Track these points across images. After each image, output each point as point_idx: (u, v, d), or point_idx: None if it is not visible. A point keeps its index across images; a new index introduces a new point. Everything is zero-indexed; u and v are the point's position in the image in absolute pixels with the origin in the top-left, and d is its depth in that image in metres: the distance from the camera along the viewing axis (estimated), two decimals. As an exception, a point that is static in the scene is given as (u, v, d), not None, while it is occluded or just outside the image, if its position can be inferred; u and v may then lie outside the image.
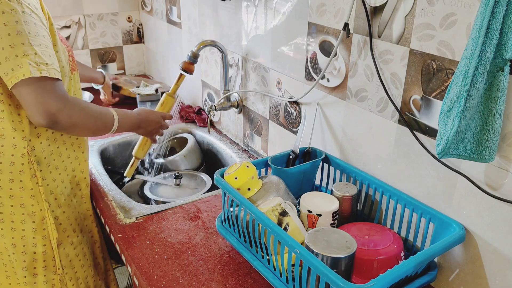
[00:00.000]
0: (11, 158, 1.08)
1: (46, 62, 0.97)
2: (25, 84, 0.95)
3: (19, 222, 1.14)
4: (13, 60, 0.94)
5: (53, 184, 1.17)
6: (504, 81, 0.73)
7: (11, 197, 1.11)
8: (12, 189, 1.11)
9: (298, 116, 1.31)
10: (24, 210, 1.13)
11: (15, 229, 1.14)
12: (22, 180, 1.11)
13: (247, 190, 1.01)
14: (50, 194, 1.17)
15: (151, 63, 2.37)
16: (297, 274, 0.85)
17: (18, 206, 1.12)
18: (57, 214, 1.19)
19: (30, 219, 1.14)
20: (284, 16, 1.27)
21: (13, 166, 1.09)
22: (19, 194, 1.12)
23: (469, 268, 0.91)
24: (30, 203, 1.13)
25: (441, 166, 0.89)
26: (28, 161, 1.10)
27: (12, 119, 1.06)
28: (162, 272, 1.00)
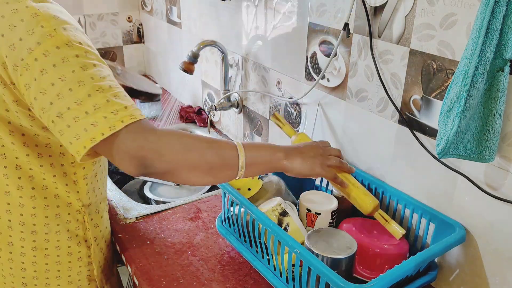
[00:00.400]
0: (67, 217, 0.97)
1: (125, 105, 0.76)
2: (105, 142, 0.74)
3: (76, 274, 1.03)
4: (83, 119, 0.74)
5: (102, 228, 1.07)
6: (504, 81, 0.73)
7: (69, 254, 1.00)
8: (70, 246, 1.00)
9: (298, 116, 1.31)
10: (81, 262, 1.03)
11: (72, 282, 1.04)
12: (78, 234, 1.00)
13: (247, 190, 1.01)
14: (101, 239, 1.07)
15: (151, 63, 2.37)
16: (297, 274, 0.85)
17: (75, 260, 1.02)
18: (100, 258, 1.08)
19: (86, 268, 1.04)
20: (284, 16, 1.27)
21: (69, 224, 0.98)
22: (77, 249, 1.01)
23: (469, 268, 0.91)
24: (86, 254, 1.03)
25: (441, 166, 0.89)
26: (83, 216, 0.99)
27: (66, 183, 0.94)
28: (162, 272, 1.00)
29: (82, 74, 0.76)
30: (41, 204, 0.94)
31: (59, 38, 0.77)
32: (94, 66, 0.78)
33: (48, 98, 0.75)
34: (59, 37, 0.77)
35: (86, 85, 0.75)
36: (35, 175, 0.91)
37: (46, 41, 0.76)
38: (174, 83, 2.13)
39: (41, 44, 0.75)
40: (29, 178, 0.91)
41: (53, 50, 0.76)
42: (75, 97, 0.75)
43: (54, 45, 0.76)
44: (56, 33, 0.77)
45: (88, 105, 0.74)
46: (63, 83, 0.75)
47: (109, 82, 0.78)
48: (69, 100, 0.74)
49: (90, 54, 0.79)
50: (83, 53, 0.78)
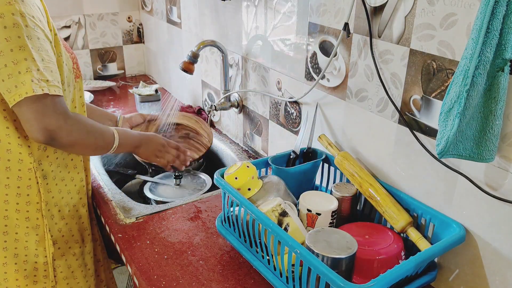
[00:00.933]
0: (18, 173, 1.08)
1: (47, 79, 0.95)
2: (26, 101, 0.94)
3: (23, 234, 1.14)
4: (16, 77, 0.92)
5: (58, 196, 1.17)
6: (504, 81, 0.73)
7: (17, 211, 1.11)
8: (18, 203, 1.11)
9: (298, 116, 1.31)
10: (29, 223, 1.13)
11: (19, 240, 1.14)
12: (29, 194, 1.11)
13: (247, 190, 1.01)
14: (54, 206, 1.17)
15: (151, 63, 2.37)
16: (297, 274, 0.85)
17: (23, 219, 1.12)
18: (60, 227, 1.19)
19: (34, 232, 1.14)
20: (284, 16, 1.27)
21: (20, 181, 1.09)
22: (25, 208, 1.12)
23: (469, 268, 0.91)
24: (35, 217, 1.13)
25: (441, 166, 0.89)
26: (35, 176, 1.10)
27: (18, 135, 1.06)
28: (162, 272, 1.00)
29: (25, 41, 0.93)
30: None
31: (16, 7, 0.93)
32: (38, 38, 0.96)
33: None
34: (17, 6, 0.93)
35: (25, 51, 0.93)
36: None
37: (4, 6, 0.92)
38: (174, 83, 2.13)
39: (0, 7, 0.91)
40: None
41: (8, 14, 0.92)
42: (13, 57, 0.92)
43: (10, 11, 0.92)
44: (15, 2, 0.93)
45: (22, 66, 0.93)
46: (7, 43, 0.92)
47: (45, 56, 0.97)
48: (8, 59, 0.92)
49: (38, 28, 0.97)
50: (32, 25, 0.95)
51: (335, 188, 1.06)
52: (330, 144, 1.12)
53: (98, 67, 2.31)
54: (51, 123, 0.96)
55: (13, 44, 0.92)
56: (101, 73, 2.33)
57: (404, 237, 0.98)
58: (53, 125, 0.96)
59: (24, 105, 0.94)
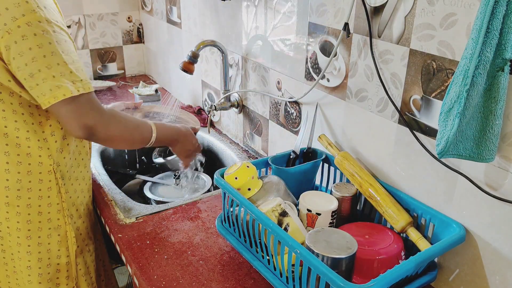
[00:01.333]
0: (39, 176, 1.10)
1: (81, 79, 1.00)
2: (63, 103, 0.97)
3: (46, 236, 1.16)
4: (50, 81, 0.96)
5: (74, 196, 1.19)
6: (504, 81, 0.73)
7: (40, 213, 1.13)
8: (40, 205, 1.12)
9: (298, 116, 1.31)
10: (51, 224, 1.15)
11: (42, 244, 1.16)
12: (50, 196, 1.13)
13: (247, 190, 1.01)
14: (72, 206, 1.19)
15: (151, 63, 2.37)
16: (297, 274, 0.85)
17: (45, 221, 1.14)
18: (78, 225, 1.22)
19: (56, 232, 1.16)
20: (284, 16, 1.27)
21: (42, 184, 1.11)
22: (47, 210, 1.14)
23: (469, 268, 0.91)
24: (56, 217, 1.15)
25: (441, 166, 0.89)
26: (55, 177, 1.12)
27: (38, 138, 1.08)
28: (162, 272, 1.00)
29: (55, 46, 0.97)
30: (14, 160, 1.07)
31: (41, 14, 0.96)
32: (65, 41, 1.00)
33: (24, 59, 0.94)
34: (41, 13, 0.96)
35: (57, 56, 0.97)
36: (9, 132, 1.05)
37: (30, 14, 0.95)
38: (174, 83, 2.13)
39: (25, 16, 0.94)
40: (4, 135, 1.05)
41: (35, 22, 0.95)
42: (47, 62, 0.96)
43: (37, 19, 0.95)
44: (38, 9, 0.96)
45: (56, 71, 0.96)
46: (39, 50, 0.95)
47: (73, 57, 1.01)
48: (41, 64, 0.95)
49: (62, 31, 1.01)
50: (58, 30, 0.99)
51: (335, 188, 1.06)
52: (330, 144, 1.12)
53: (98, 67, 2.31)
54: (89, 120, 1.01)
55: (45, 51, 0.95)
56: (101, 73, 2.33)
57: (404, 237, 0.98)
58: (91, 121, 1.01)
59: (62, 107, 0.98)
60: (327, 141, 1.13)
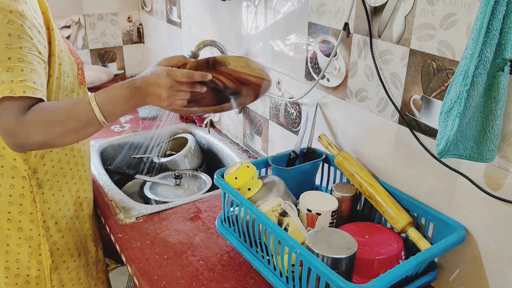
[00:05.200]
0: (11, 180, 1.02)
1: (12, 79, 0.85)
2: None
3: (15, 245, 1.08)
4: None
5: (55, 207, 1.11)
6: (504, 81, 0.73)
7: (9, 220, 1.05)
8: (10, 212, 1.05)
9: (298, 116, 1.31)
10: (21, 234, 1.07)
11: (10, 252, 1.08)
12: (22, 203, 1.05)
13: (247, 190, 1.01)
14: (51, 218, 1.11)
15: (151, 63, 2.36)
16: (297, 274, 0.85)
17: (15, 230, 1.07)
18: (55, 239, 1.13)
19: (27, 243, 1.09)
20: (284, 16, 1.27)
21: (13, 189, 1.03)
22: (18, 218, 1.06)
23: (469, 268, 0.91)
24: (28, 228, 1.07)
25: (441, 166, 0.89)
26: (29, 184, 1.04)
27: None
28: (162, 272, 1.00)
29: None
30: None
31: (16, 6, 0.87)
32: (8, 35, 0.87)
33: None
34: None
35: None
36: None
37: None
38: (174, 83, 2.13)
39: None
40: None
41: None
42: None
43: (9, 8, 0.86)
44: None
45: None
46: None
47: (10, 54, 0.86)
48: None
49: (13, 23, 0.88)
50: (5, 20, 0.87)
51: (335, 188, 1.06)
52: (330, 144, 1.12)
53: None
54: (5, 127, 0.86)
55: None
56: (101, 73, 2.33)
57: (404, 237, 0.98)
58: (6, 129, 0.86)
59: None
60: (327, 141, 1.13)
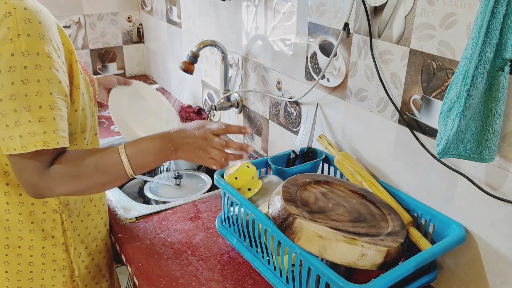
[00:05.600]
0: (43, 216, 0.98)
1: (45, 131, 0.81)
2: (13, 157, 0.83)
3: (49, 278, 1.04)
4: (3, 130, 0.80)
5: (85, 232, 1.08)
6: (504, 81, 0.73)
7: (43, 255, 1.01)
8: (44, 247, 1.01)
9: (298, 116, 1.31)
10: (56, 265, 1.03)
11: (45, 285, 1.04)
12: (54, 236, 1.01)
13: (247, 190, 1.01)
14: (81, 244, 1.07)
15: (151, 63, 2.37)
16: (297, 274, 0.85)
17: (49, 263, 1.02)
18: (87, 263, 1.10)
19: (61, 273, 1.05)
20: (284, 16, 1.27)
21: (45, 224, 0.99)
22: (52, 251, 1.02)
23: (469, 268, 0.91)
24: (61, 257, 1.04)
25: (441, 166, 0.89)
26: (60, 217, 1.00)
27: None
28: (162, 272, 1.00)
29: (18, 88, 0.78)
30: (15, 201, 0.94)
31: (18, 45, 0.78)
32: (37, 81, 0.80)
33: None
34: (19, 44, 0.78)
35: (16, 100, 0.79)
36: (10, 170, 0.91)
37: (5, 44, 0.78)
38: (174, 83, 2.13)
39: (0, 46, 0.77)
40: (4, 174, 0.92)
41: (6, 55, 0.78)
42: (2, 108, 0.79)
43: (10, 51, 0.78)
44: (17, 39, 0.78)
45: (11, 119, 0.79)
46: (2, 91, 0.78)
47: (41, 102, 0.80)
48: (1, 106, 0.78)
49: (41, 68, 0.80)
50: (33, 65, 0.79)
51: (335, 188, 1.06)
52: (330, 144, 1.12)
53: (98, 67, 2.31)
54: (27, 180, 0.84)
55: (4, 93, 0.79)
56: (101, 73, 2.33)
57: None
58: (29, 183, 0.84)
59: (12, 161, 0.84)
60: (327, 141, 1.13)
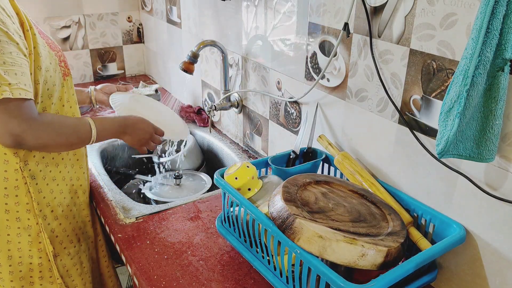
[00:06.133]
0: (4, 174, 1.07)
1: (9, 82, 0.92)
2: None
3: (15, 235, 1.13)
4: None
5: (50, 196, 1.16)
6: (504, 81, 0.73)
7: (7, 211, 1.10)
8: (7, 203, 1.09)
9: (298, 116, 1.31)
10: (20, 224, 1.12)
11: (11, 241, 1.13)
12: (18, 195, 1.10)
13: (247, 190, 1.01)
14: (46, 207, 1.15)
15: (151, 63, 2.37)
16: (297, 274, 0.85)
17: (13, 220, 1.11)
18: (53, 227, 1.18)
19: (26, 232, 1.13)
20: (284, 16, 1.27)
21: (7, 182, 1.08)
22: (15, 208, 1.10)
23: (469, 268, 0.91)
24: (25, 217, 1.12)
25: (441, 166, 0.89)
26: (22, 176, 1.08)
27: None
28: (162, 272, 1.00)
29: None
30: None
31: None
32: (5, 42, 0.93)
33: None
34: None
35: None
36: None
37: None
38: (174, 83, 2.13)
39: None
40: None
41: None
42: None
43: None
44: None
45: None
46: None
47: (6, 59, 0.93)
48: None
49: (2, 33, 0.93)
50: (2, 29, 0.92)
51: (335, 188, 1.06)
52: (330, 144, 1.12)
53: (98, 67, 2.31)
54: (14, 128, 0.94)
55: None
56: (101, 73, 2.33)
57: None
58: (16, 130, 0.94)
59: None
60: (327, 141, 1.13)
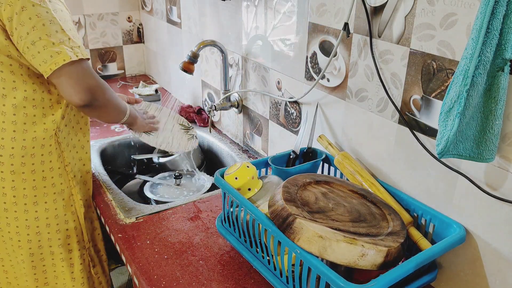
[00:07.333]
0: (42, 141, 1.15)
1: (78, 45, 1.05)
2: (64, 68, 1.02)
3: (52, 202, 1.21)
4: (51, 47, 1.01)
5: (72, 163, 1.24)
6: (504, 81, 0.73)
7: (44, 178, 1.18)
8: (44, 170, 1.17)
9: (298, 116, 1.31)
10: (55, 189, 1.21)
11: (49, 209, 1.21)
12: (51, 160, 1.18)
13: (247, 190, 1.01)
14: (71, 172, 1.24)
15: (151, 63, 2.37)
16: (297, 274, 0.85)
17: (50, 186, 1.19)
18: (77, 190, 1.27)
19: (60, 197, 1.22)
20: (284, 16, 1.27)
21: (43, 149, 1.16)
22: (50, 175, 1.19)
23: (469, 268, 0.91)
24: (59, 182, 1.21)
25: (441, 166, 0.89)
26: (55, 141, 1.17)
27: (43, 106, 1.14)
28: (162, 272, 1.00)
29: (53, 15, 1.03)
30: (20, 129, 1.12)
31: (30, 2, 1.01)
32: (61, 11, 1.07)
33: (26, 29, 1.00)
34: None
35: (55, 24, 1.03)
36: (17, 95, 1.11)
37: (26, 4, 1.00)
38: (174, 83, 2.13)
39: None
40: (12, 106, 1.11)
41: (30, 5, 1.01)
42: (46, 30, 1.01)
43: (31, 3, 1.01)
44: None
45: (55, 38, 1.02)
46: (38, 19, 1.01)
47: (70, 25, 1.07)
48: (41, 32, 1.01)
49: (59, 2, 1.08)
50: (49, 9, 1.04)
51: (335, 188, 1.06)
52: (330, 144, 1.12)
53: (98, 67, 2.31)
54: (92, 82, 1.06)
55: (44, 19, 1.01)
56: (101, 73, 2.33)
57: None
58: (93, 84, 1.07)
59: (64, 72, 1.02)
60: (327, 141, 1.13)
